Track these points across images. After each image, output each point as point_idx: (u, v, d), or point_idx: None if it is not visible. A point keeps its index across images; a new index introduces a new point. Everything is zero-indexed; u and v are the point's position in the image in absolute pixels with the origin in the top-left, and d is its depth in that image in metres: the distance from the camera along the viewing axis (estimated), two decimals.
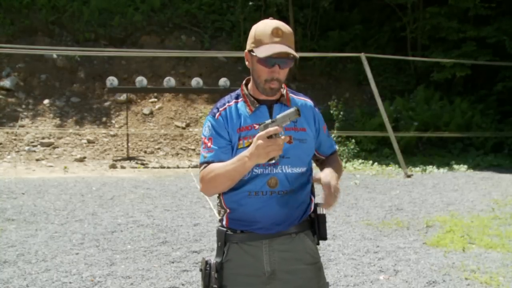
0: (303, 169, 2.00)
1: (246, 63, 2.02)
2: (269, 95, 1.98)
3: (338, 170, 2.09)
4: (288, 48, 1.89)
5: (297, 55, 1.93)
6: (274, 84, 1.93)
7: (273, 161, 1.79)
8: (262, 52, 1.88)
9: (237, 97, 2.05)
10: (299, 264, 1.99)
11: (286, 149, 1.94)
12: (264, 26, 1.93)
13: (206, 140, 1.99)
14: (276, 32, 1.90)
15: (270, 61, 1.89)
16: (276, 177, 1.94)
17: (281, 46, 1.88)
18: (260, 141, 1.72)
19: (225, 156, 1.94)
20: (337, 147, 2.23)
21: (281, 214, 1.95)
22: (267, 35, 1.90)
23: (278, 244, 1.97)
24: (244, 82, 2.08)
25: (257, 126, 1.91)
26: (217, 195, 2.04)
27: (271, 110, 2.00)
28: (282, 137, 1.72)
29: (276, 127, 1.71)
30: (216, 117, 2.00)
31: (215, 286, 1.97)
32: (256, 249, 1.97)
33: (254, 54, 1.92)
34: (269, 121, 1.76)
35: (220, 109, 2.02)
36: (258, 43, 1.92)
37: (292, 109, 1.70)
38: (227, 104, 2.03)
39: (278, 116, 1.75)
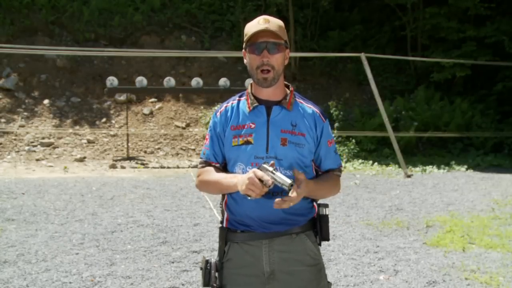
0: None
1: (245, 61, 2.06)
2: (263, 86, 1.99)
3: (323, 186, 2.03)
4: (274, 29, 1.94)
5: (283, 36, 1.97)
6: (266, 70, 1.95)
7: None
8: (248, 36, 1.96)
9: (241, 96, 2.10)
10: (299, 265, 1.99)
11: (280, 150, 1.96)
12: (254, 20, 2.01)
13: (207, 136, 2.12)
14: (263, 20, 1.97)
15: (258, 46, 1.95)
16: None
17: (266, 28, 1.93)
18: (251, 175, 1.80)
19: (218, 156, 2.07)
20: (341, 167, 2.15)
21: (275, 216, 1.95)
22: (255, 24, 1.98)
23: (278, 244, 1.98)
24: (251, 82, 2.11)
25: (253, 126, 1.99)
26: (222, 195, 2.11)
27: (269, 110, 2.01)
28: (266, 189, 1.80)
29: (269, 179, 1.78)
30: (217, 114, 2.09)
31: (215, 285, 1.99)
32: (256, 249, 1.98)
33: (244, 46, 1.99)
34: (271, 168, 1.82)
35: (224, 106, 2.10)
36: (247, 34, 1.98)
37: (288, 181, 1.77)
38: (231, 102, 2.10)
39: (278, 173, 1.80)
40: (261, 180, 1.79)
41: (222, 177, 1.99)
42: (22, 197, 7.67)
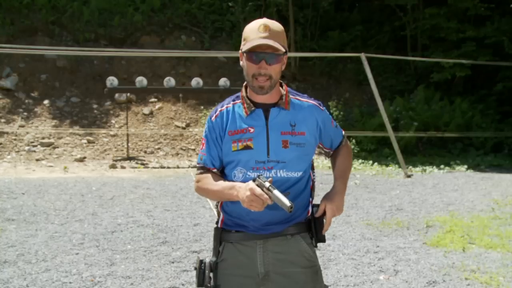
0: (299, 174, 1.98)
1: (241, 63, 2.02)
2: (258, 93, 1.96)
3: (347, 171, 2.17)
4: (273, 42, 1.89)
5: (283, 49, 1.92)
6: (262, 80, 1.92)
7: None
8: (247, 46, 1.90)
9: (236, 99, 2.05)
10: (294, 267, 1.97)
11: (282, 153, 1.94)
12: (253, 24, 1.95)
13: (203, 141, 2.08)
14: (263, 28, 1.91)
15: (256, 56, 1.90)
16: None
17: (265, 40, 1.88)
18: (249, 193, 1.78)
19: (216, 160, 2.03)
20: (343, 132, 2.23)
21: (274, 217, 1.94)
22: (254, 31, 1.92)
23: (273, 245, 1.96)
24: (244, 84, 2.07)
25: (252, 130, 1.95)
26: None
27: (267, 113, 1.98)
28: (269, 201, 1.78)
29: (267, 198, 1.76)
30: (212, 118, 2.04)
31: (209, 285, 1.97)
32: (250, 249, 1.97)
33: (241, 50, 1.95)
34: (267, 184, 1.79)
35: (218, 110, 2.05)
36: (246, 40, 1.94)
37: (287, 204, 1.72)
38: (225, 105, 2.05)
39: (275, 191, 1.76)
40: None
41: (221, 188, 1.95)
42: (22, 197, 7.67)
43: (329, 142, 2.15)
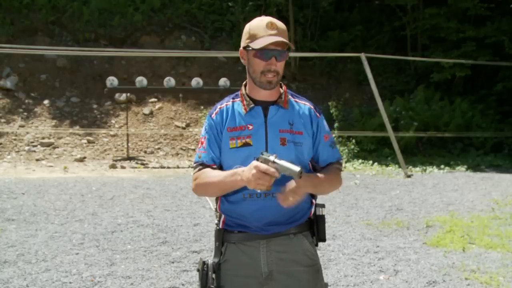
0: None
1: (242, 61, 2.02)
2: (266, 88, 1.96)
3: (325, 180, 1.96)
4: (284, 39, 1.92)
5: (293, 46, 1.95)
6: (271, 76, 1.93)
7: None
8: (259, 44, 1.90)
9: (235, 97, 2.06)
10: (296, 266, 1.98)
11: (280, 150, 1.93)
12: (259, 21, 1.96)
13: (202, 140, 2.04)
14: (271, 25, 1.92)
15: (267, 53, 1.91)
16: None
17: (277, 37, 1.90)
18: (254, 171, 1.73)
19: (217, 157, 2.00)
20: (340, 160, 2.10)
21: (276, 216, 1.94)
22: (262, 29, 1.93)
23: (275, 244, 1.96)
24: (244, 82, 2.08)
25: (251, 127, 1.95)
26: (216, 198, 2.06)
27: (266, 111, 1.98)
28: (274, 178, 1.73)
29: (274, 171, 1.71)
30: (212, 116, 2.04)
31: (212, 286, 1.96)
32: (253, 249, 1.97)
33: (250, 48, 1.93)
34: (272, 158, 1.74)
35: (218, 108, 2.05)
36: (253, 37, 1.93)
37: (296, 170, 1.68)
38: (225, 103, 2.06)
39: (281, 162, 1.71)
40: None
41: (222, 176, 1.91)
42: (22, 197, 7.67)
43: (315, 155, 2.04)
